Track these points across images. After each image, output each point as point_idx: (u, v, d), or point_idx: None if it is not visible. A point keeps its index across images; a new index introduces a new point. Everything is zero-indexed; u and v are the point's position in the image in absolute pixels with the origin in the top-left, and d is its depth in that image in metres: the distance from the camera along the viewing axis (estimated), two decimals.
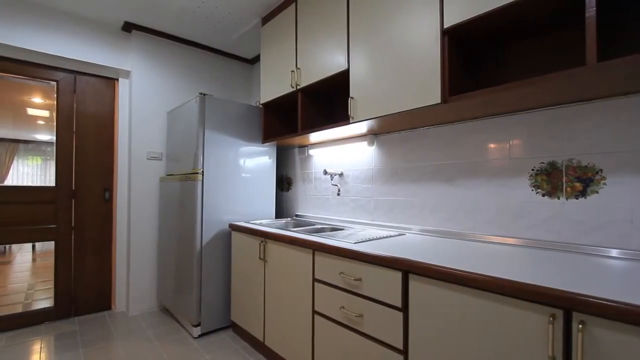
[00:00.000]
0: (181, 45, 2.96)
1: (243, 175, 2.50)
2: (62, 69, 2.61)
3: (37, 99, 4.14)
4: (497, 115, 1.54)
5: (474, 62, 1.54)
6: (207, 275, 2.33)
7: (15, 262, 4.61)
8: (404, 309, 1.22)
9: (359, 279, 1.38)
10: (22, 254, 5.03)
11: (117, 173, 2.80)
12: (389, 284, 1.26)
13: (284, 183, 2.91)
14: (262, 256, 2.01)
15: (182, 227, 2.42)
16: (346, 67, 1.78)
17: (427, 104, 1.41)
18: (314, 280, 1.63)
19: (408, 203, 1.90)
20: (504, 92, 1.20)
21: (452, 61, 1.36)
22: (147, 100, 2.79)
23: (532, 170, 1.43)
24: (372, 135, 2.07)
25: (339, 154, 2.35)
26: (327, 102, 2.29)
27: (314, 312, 1.63)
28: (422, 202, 1.84)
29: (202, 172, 2.29)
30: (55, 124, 2.63)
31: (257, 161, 2.59)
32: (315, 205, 2.56)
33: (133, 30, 2.72)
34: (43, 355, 2.08)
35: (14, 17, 2.31)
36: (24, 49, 2.36)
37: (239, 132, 2.48)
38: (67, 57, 2.51)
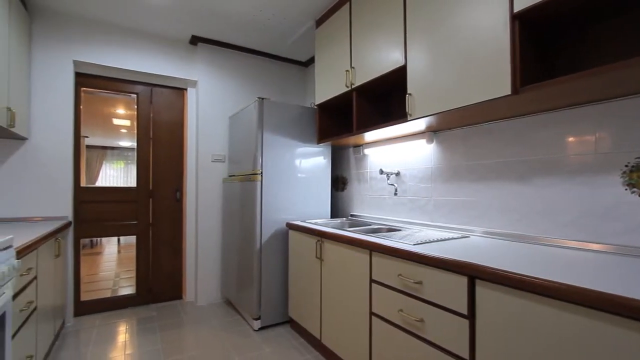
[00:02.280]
0: (240, 53, 3.14)
1: (299, 175, 2.57)
2: (141, 82, 2.93)
3: (121, 110, 4.70)
4: (577, 106, 1.37)
5: (547, 48, 1.39)
6: (266, 272, 2.43)
7: (105, 253, 5.30)
8: (471, 316, 1.15)
9: (419, 282, 1.33)
10: (110, 247, 5.75)
11: (186, 175, 3.06)
12: (452, 289, 1.20)
13: (339, 183, 2.93)
14: (318, 255, 2.04)
15: (243, 225, 2.56)
16: (403, 62, 1.73)
17: (494, 97, 1.31)
18: (371, 281, 1.61)
19: (471, 203, 1.79)
20: (591, 78, 1.05)
21: (523, 48, 1.24)
22: (211, 107, 3.00)
23: (626, 166, 1.25)
24: (431, 133, 1.98)
25: (396, 153, 2.29)
26: (382, 100, 2.25)
27: (371, 313, 1.61)
28: (487, 203, 1.71)
29: (261, 173, 2.39)
30: (136, 131, 2.96)
31: (313, 161, 2.64)
32: (370, 205, 2.53)
33: (199, 43, 2.95)
34: (128, 335, 2.36)
35: (102, 40, 2.65)
36: (112, 67, 2.69)
37: (295, 133, 2.55)
38: (145, 72, 2.81)
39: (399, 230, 2.01)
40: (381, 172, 2.16)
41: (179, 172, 3.10)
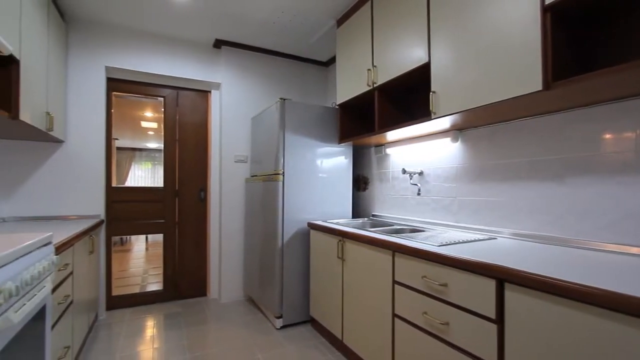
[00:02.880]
0: (262, 55, 3.19)
1: (320, 175, 2.57)
2: (167, 86, 3.03)
3: (149, 113, 4.89)
4: (614, 101, 1.29)
5: (580, 41, 1.32)
6: (288, 271, 2.45)
7: (134, 250, 5.53)
8: (499, 321, 1.11)
9: (444, 285, 1.30)
10: (138, 244, 5.98)
11: (210, 175, 3.14)
12: (479, 292, 1.16)
13: (360, 183, 2.91)
14: (340, 255, 2.03)
15: (265, 225, 2.59)
16: (427, 60, 1.69)
17: (524, 93, 1.25)
18: (394, 282, 1.59)
19: (498, 204, 1.72)
20: (635, 70, 0.99)
21: (555, 42, 1.19)
22: (234, 108, 3.06)
23: None
24: (456, 131, 1.93)
25: (419, 152, 2.25)
26: (405, 99, 2.21)
27: (394, 315, 1.59)
28: (516, 203, 1.64)
29: (283, 173, 2.42)
30: (163, 133, 3.06)
31: (334, 161, 2.63)
32: (393, 205, 2.50)
33: (222, 46, 3.02)
34: (156, 330, 2.44)
35: (131, 46, 2.77)
36: (140, 71, 2.80)
37: (316, 133, 2.56)
38: (171, 76, 2.91)
39: (423, 230, 1.97)
40: (404, 171, 2.13)
41: (203, 173, 3.18)
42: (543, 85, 1.19)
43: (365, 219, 2.61)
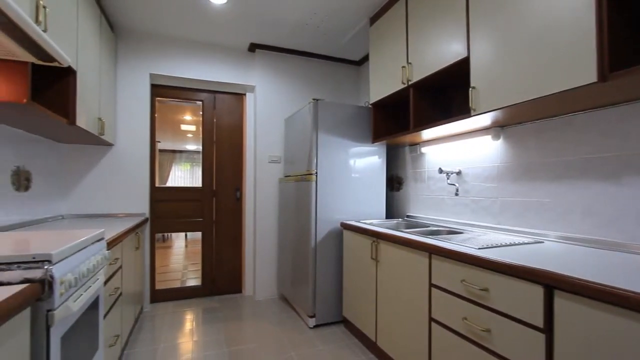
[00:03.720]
0: (295, 56, 3.23)
1: (353, 175, 2.56)
2: (205, 90, 3.16)
3: (187, 117, 5.13)
4: None
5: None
6: (320, 271, 2.46)
7: (174, 247, 5.83)
8: (547, 330, 1.03)
9: (485, 289, 1.24)
10: (178, 241, 6.29)
11: (245, 175, 3.23)
12: (525, 298, 1.09)
13: (394, 183, 2.85)
14: (374, 256, 2.01)
15: (298, 224, 2.62)
16: (466, 54, 1.62)
17: (576, 85, 1.16)
18: (431, 285, 1.54)
19: (546, 205, 1.61)
20: None
21: (612, 28, 1.09)
22: (268, 110, 3.13)
23: None
24: (498, 128, 1.83)
25: (456, 151, 2.16)
26: (441, 96, 2.14)
27: (431, 319, 1.54)
28: (566, 204, 1.53)
29: (316, 173, 2.43)
30: (201, 136, 3.19)
31: (367, 161, 2.61)
32: (428, 205, 2.42)
33: (257, 50, 3.10)
34: (195, 324, 2.56)
35: (173, 53, 2.92)
36: (181, 77, 2.95)
37: (349, 133, 2.55)
38: (209, 80, 3.03)
39: (460, 232, 1.89)
40: (440, 171, 2.06)
41: (239, 173, 3.28)
42: (598, 77, 1.10)
43: (400, 219, 2.56)
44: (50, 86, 1.72)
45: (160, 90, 3.02)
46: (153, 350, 2.13)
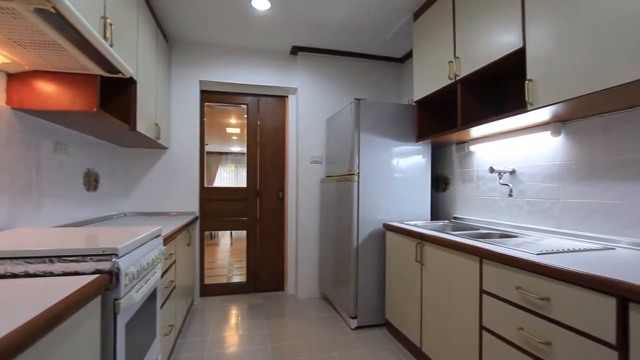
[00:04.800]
0: (336, 57, 3.23)
1: (396, 175, 2.50)
2: (250, 94, 3.28)
3: (232, 120, 5.37)
4: None
5: None
6: (363, 272, 2.44)
7: (220, 244, 6.12)
8: (621, 347, 0.92)
9: (546, 299, 1.14)
10: (224, 239, 6.60)
11: (288, 175, 3.30)
12: (594, 311, 0.98)
13: (439, 183, 2.74)
14: (418, 259, 1.94)
15: (340, 225, 2.62)
16: (521, 45, 1.51)
17: None
18: (482, 291, 1.45)
19: (617, 208, 1.44)
20: None
21: None
22: (310, 111, 3.17)
23: None
24: (558, 123, 1.68)
25: (509, 149, 2.02)
26: (491, 91, 2.01)
27: (482, 327, 1.45)
28: None
29: (358, 173, 2.41)
30: (246, 138, 3.32)
31: (411, 160, 2.53)
32: (477, 207, 2.29)
33: (299, 52, 3.15)
34: (240, 318, 2.66)
35: (219, 60, 3.07)
36: (227, 82, 3.09)
37: (392, 132, 2.49)
38: (253, 84, 3.14)
39: (515, 236, 1.76)
40: (491, 170, 1.93)
41: (282, 173, 3.36)
42: None
43: (446, 221, 2.45)
44: (115, 96, 1.89)
45: (209, 96, 3.19)
46: (202, 341, 2.25)
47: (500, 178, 2.03)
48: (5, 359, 0.50)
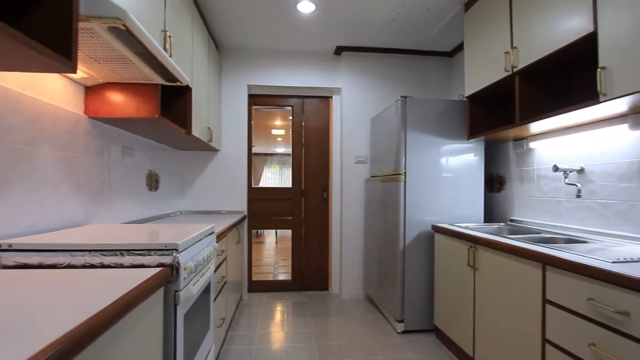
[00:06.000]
0: (381, 54, 3.17)
1: (445, 175, 2.38)
2: (295, 96, 3.35)
3: (277, 122, 5.52)
4: None
5: None
6: (410, 275, 2.36)
7: (266, 242, 6.32)
8: None
9: (625, 313, 1.01)
10: (269, 238, 6.80)
11: (332, 176, 3.31)
12: None
13: (494, 183, 2.56)
14: (471, 263, 1.83)
15: (386, 226, 2.56)
16: (591, 29, 1.36)
17: None
18: (545, 301, 1.33)
19: None
20: None
21: None
22: (354, 111, 3.15)
23: None
24: (638, 115, 1.48)
25: (576, 145, 1.83)
26: (553, 82, 1.84)
27: (545, 340, 1.33)
28: None
29: (405, 173, 2.34)
30: (291, 139, 3.39)
31: (461, 159, 2.40)
32: (538, 209, 2.10)
33: (343, 52, 3.15)
34: (286, 315, 2.72)
35: (266, 64, 3.17)
36: (273, 85, 3.18)
37: (440, 130, 2.39)
38: (298, 86, 3.20)
39: (584, 242, 1.59)
40: (555, 169, 1.76)
41: (326, 174, 3.38)
42: None
43: (502, 224, 2.28)
44: (172, 102, 2.04)
45: (256, 99, 3.31)
46: (250, 336, 2.34)
47: (565, 177, 1.84)
48: (90, 338, 0.56)
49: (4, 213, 1.09)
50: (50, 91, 1.31)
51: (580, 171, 1.78)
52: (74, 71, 0.88)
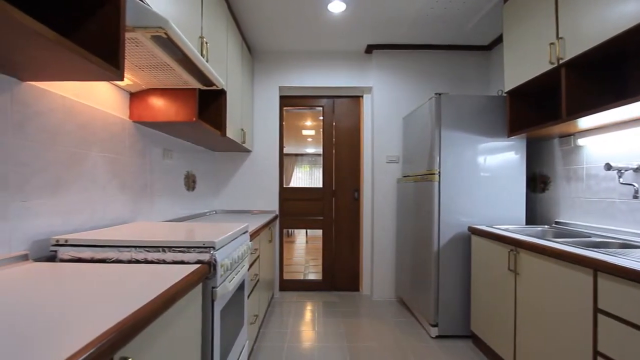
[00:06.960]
0: (413, 51, 3.10)
1: (482, 174, 2.28)
2: (325, 96, 3.36)
3: (308, 122, 5.56)
4: None
5: None
6: (444, 278, 2.28)
7: (296, 242, 6.40)
8: None
9: None
10: (300, 237, 6.88)
11: (363, 176, 3.28)
12: None
13: (537, 182, 2.41)
14: (512, 267, 1.74)
15: (418, 227, 2.50)
16: None
17: None
18: (597, 310, 1.23)
19: None
20: None
21: None
22: (385, 110, 3.10)
23: None
24: None
25: (632, 141, 1.68)
26: (604, 73, 1.69)
27: (597, 352, 1.23)
28: None
29: (439, 172, 2.27)
30: (322, 139, 3.40)
31: (501, 158, 2.29)
32: (587, 210, 1.95)
33: (373, 51, 3.11)
34: (317, 314, 2.73)
35: (296, 65, 3.20)
36: (304, 86, 3.21)
37: (477, 127, 2.29)
38: (328, 86, 3.20)
39: None
40: (608, 167, 1.62)
41: (357, 174, 3.36)
42: None
43: (546, 226, 2.14)
44: (208, 106, 2.12)
45: (287, 100, 3.36)
46: (282, 333, 2.37)
47: (620, 177, 1.69)
48: (138, 329, 0.60)
49: (61, 211, 1.19)
50: (100, 98, 1.41)
51: (637, 170, 1.63)
52: (122, 79, 0.94)
